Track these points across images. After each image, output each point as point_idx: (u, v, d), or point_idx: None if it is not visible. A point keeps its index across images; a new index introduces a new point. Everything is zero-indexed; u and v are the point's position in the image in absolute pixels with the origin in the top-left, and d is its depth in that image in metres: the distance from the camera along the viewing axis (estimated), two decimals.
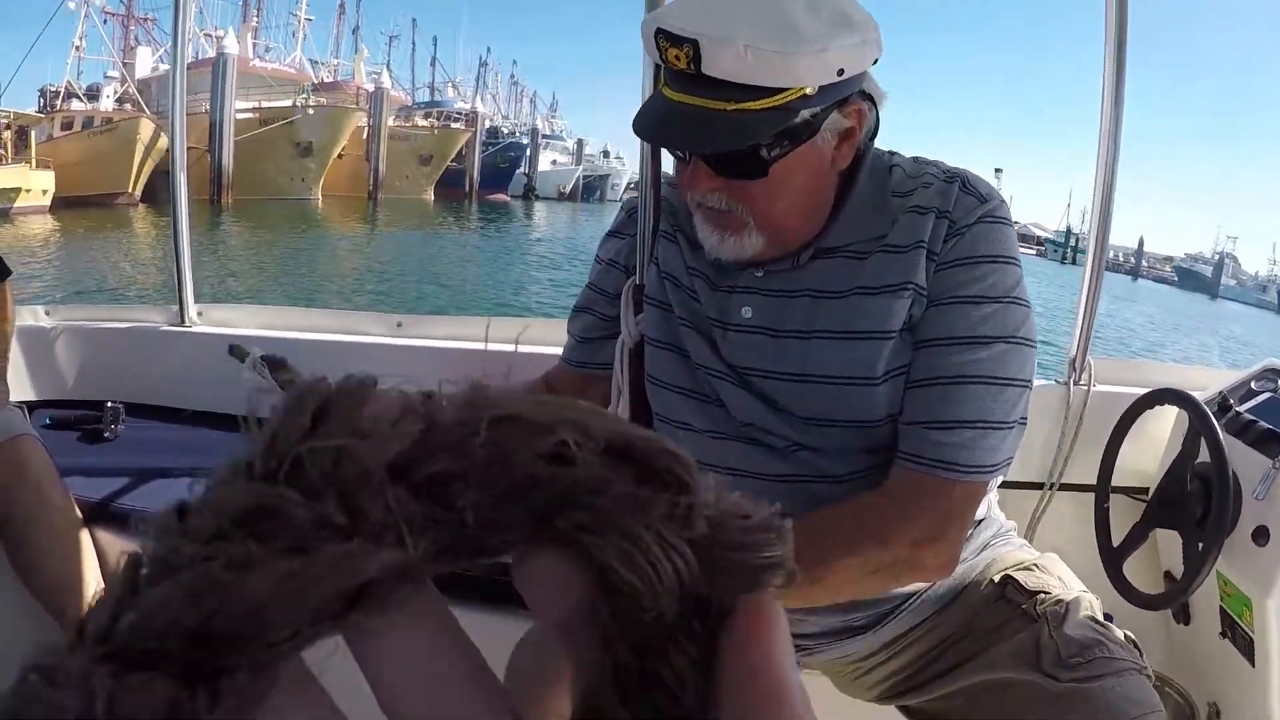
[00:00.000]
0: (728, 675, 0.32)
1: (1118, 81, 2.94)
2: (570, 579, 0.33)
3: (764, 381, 1.77)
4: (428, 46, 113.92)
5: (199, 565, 0.29)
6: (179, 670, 0.28)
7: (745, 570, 0.34)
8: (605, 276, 2.16)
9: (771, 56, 1.46)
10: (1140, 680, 1.66)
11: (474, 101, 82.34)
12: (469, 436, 0.32)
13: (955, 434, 1.63)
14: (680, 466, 0.33)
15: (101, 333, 3.80)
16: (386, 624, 0.31)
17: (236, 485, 0.31)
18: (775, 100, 1.52)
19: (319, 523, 0.29)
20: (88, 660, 0.28)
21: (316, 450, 0.30)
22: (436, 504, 0.31)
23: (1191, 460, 2.60)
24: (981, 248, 1.66)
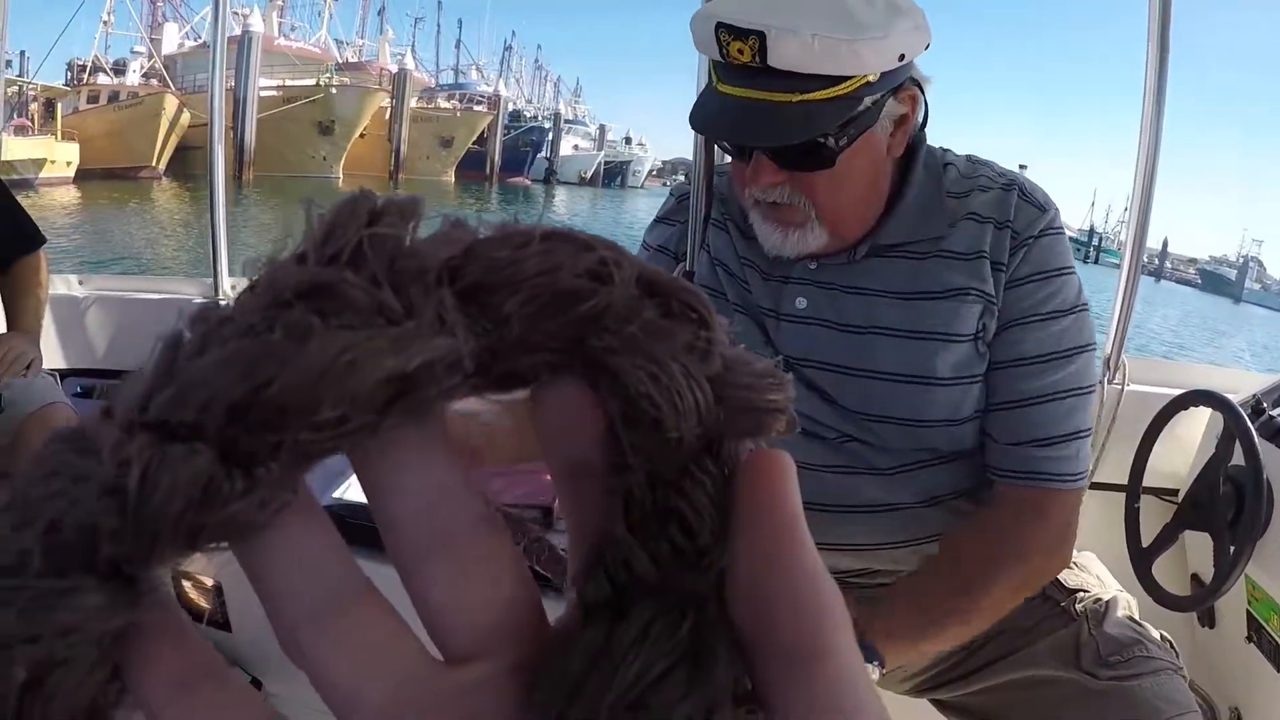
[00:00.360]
0: (740, 514, 0.32)
1: (1159, 83, 2.92)
2: (594, 410, 0.33)
3: (815, 372, 1.77)
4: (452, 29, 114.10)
5: (254, 334, 0.27)
6: (217, 447, 0.27)
7: (754, 411, 0.34)
8: (654, 264, 2.12)
9: (839, 45, 1.45)
10: (1177, 680, 1.66)
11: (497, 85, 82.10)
12: (523, 244, 0.32)
13: (1063, 448, 1.66)
14: (700, 304, 0.33)
15: (135, 304, 3.82)
16: (407, 433, 0.31)
17: (289, 267, 0.29)
18: (841, 89, 1.51)
19: (377, 308, 0.28)
20: (120, 431, 0.27)
21: (379, 237, 0.30)
22: (483, 311, 0.31)
23: (1224, 463, 2.59)
24: (1050, 261, 1.68)
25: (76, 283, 3.90)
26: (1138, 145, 3.01)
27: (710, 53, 1.57)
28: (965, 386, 1.69)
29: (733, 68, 1.55)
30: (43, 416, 2.78)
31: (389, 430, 0.30)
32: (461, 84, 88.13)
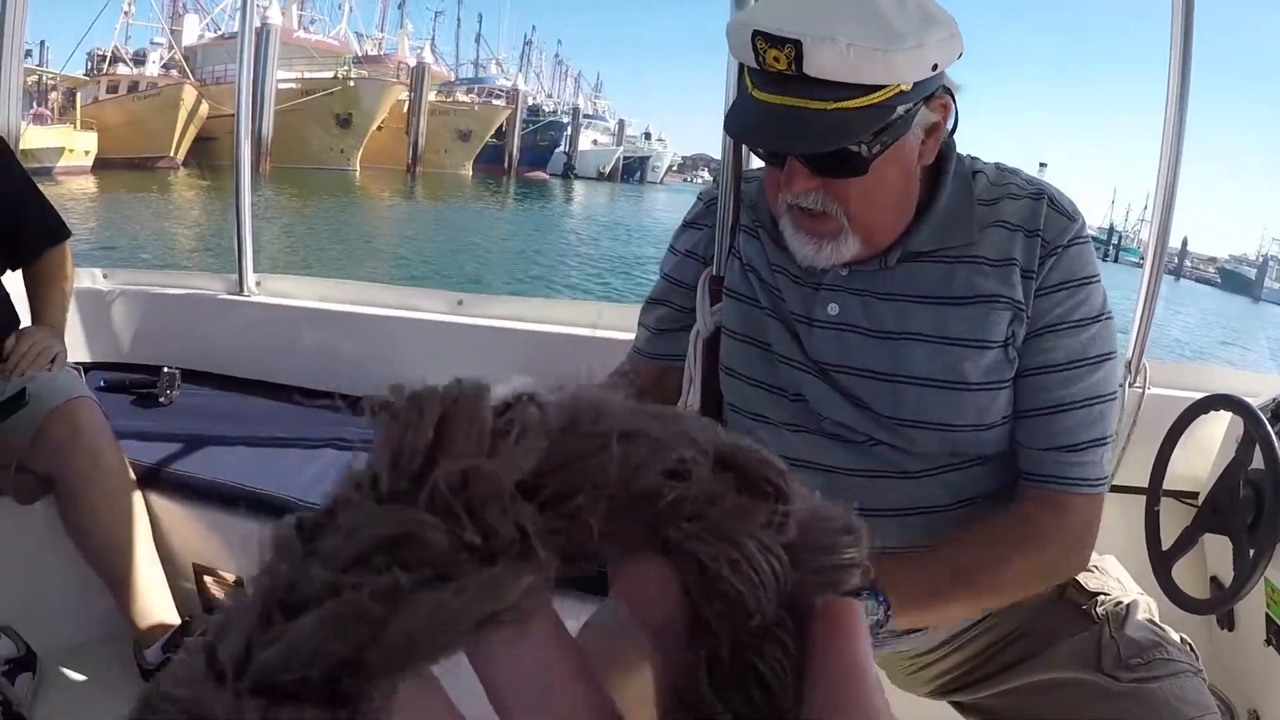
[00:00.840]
0: (813, 671, 0.33)
1: (1182, 85, 2.92)
2: (673, 584, 0.34)
3: (847, 378, 1.78)
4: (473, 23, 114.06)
5: (344, 594, 0.29)
6: (321, 698, 0.28)
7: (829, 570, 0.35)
8: (683, 268, 2.15)
9: (874, 54, 1.47)
10: (1197, 682, 1.68)
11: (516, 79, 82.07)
12: (600, 450, 0.33)
13: (1090, 453, 1.70)
14: (776, 475, 0.35)
15: (159, 298, 3.84)
16: (510, 635, 0.32)
17: (365, 507, 0.31)
18: (875, 98, 1.52)
19: (458, 548, 0.30)
20: (230, 695, 0.28)
21: (450, 473, 0.30)
22: (562, 517, 0.32)
23: (1244, 467, 2.59)
24: (1079, 270, 1.70)
25: (101, 276, 3.92)
26: (1160, 148, 3.01)
27: (747, 60, 1.58)
28: (994, 392, 1.71)
29: (768, 75, 1.56)
30: (67, 411, 2.79)
31: (489, 640, 0.31)
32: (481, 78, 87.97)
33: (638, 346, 2.24)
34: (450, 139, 65.06)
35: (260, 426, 3.30)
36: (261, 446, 3.15)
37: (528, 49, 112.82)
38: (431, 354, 3.60)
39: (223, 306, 3.81)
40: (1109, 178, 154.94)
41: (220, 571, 2.99)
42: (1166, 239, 3.11)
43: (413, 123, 61.60)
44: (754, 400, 1.90)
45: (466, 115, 66.36)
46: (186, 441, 3.12)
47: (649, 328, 2.21)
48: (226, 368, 3.79)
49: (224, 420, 3.34)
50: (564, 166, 79.57)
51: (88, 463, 2.79)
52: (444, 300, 3.76)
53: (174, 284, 3.93)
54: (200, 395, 3.59)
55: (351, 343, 3.69)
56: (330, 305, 3.78)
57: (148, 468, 2.95)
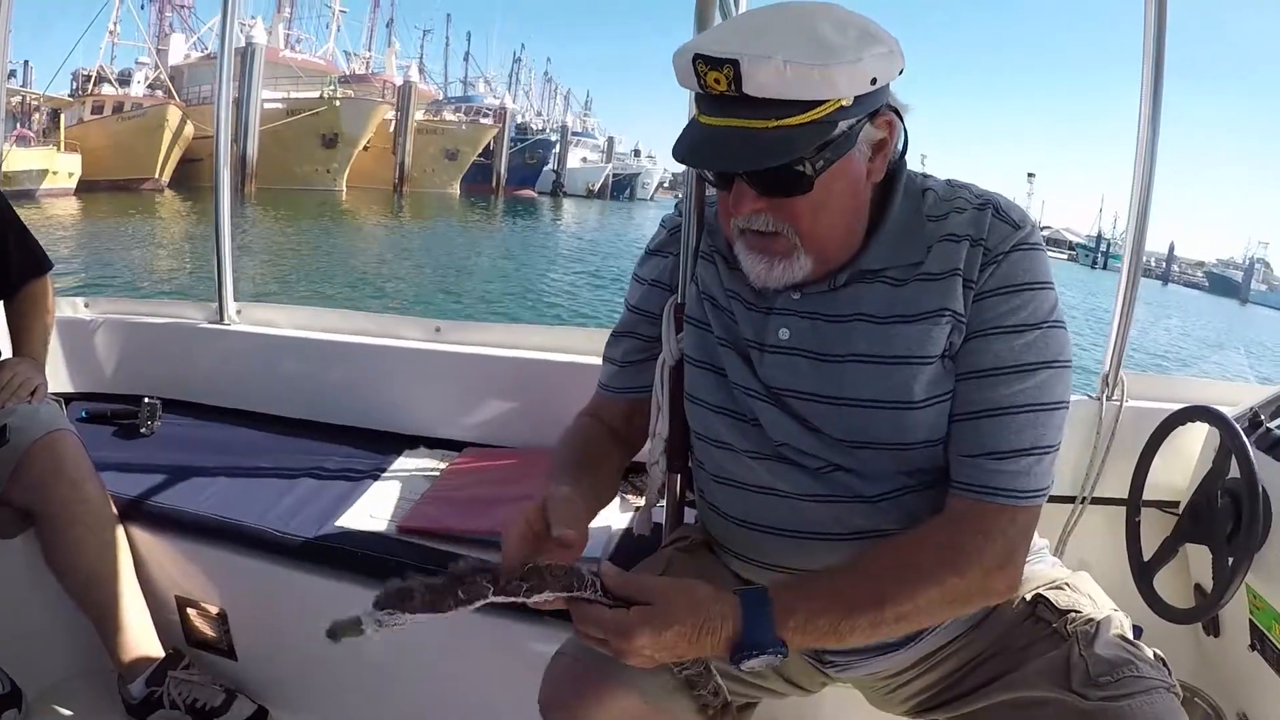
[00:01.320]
0: None
1: (1155, 96, 2.94)
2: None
3: (800, 402, 1.79)
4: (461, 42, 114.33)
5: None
6: None
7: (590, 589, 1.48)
8: (649, 297, 2.14)
9: (810, 70, 1.47)
10: (1169, 699, 1.66)
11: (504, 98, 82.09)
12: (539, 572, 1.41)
13: (1014, 462, 1.66)
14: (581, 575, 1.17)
15: (140, 327, 3.84)
16: None
17: None
18: (815, 114, 1.53)
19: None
20: None
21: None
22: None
23: (1222, 477, 2.60)
24: (1019, 275, 1.68)
25: (83, 305, 3.93)
26: (1134, 159, 3.02)
27: (690, 85, 1.59)
28: (940, 406, 1.71)
29: (712, 99, 1.57)
30: (48, 444, 2.79)
31: None
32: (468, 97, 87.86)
33: (604, 383, 2.22)
34: (437, 158, 64.93)
35: (241, 456, 3.29)
36: (243, 477, 3.14)
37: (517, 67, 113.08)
38: (411, 382, 3.61)
39: (203, 336, 3.81)
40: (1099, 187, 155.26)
41: (203, 604, 2.98)
42: (1141, 254, 3.11)
43: (399, 142, 61.46)
44: (716, 427, 1.90)
45: (454, 134, 66.23)
46: (168, 473, 3.12)
47: (616, 361, 2.19)
48: (207, 397, 3.79)
49: (205, 450, 3.33)
50: (553, 184, 79.62)
51: (69, 496, 2.78)
52: (422, 328, 3.76)
53: (155, 313, 3.93)
54: (182, 425, 3.59)
55: (331, 371, 3.69)
56: (310, 334, 3.77)
57: (129, 500, 2.94)
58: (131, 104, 50.47)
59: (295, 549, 2.75)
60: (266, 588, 2.86)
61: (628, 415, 2.18)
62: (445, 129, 66.26)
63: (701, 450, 1.99)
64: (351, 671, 2.90)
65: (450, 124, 67.43)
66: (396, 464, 3.31)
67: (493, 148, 69.88)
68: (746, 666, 1.54)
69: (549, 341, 3.61)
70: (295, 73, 58.80)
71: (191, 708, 2.79)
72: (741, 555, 1.97)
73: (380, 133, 59.37)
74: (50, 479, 2.77)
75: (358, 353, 3.66)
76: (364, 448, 3.45)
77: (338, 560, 2.72)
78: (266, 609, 2.93)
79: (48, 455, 2.79)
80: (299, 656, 2.96)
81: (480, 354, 3.57)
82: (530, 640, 2.08)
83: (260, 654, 3.01)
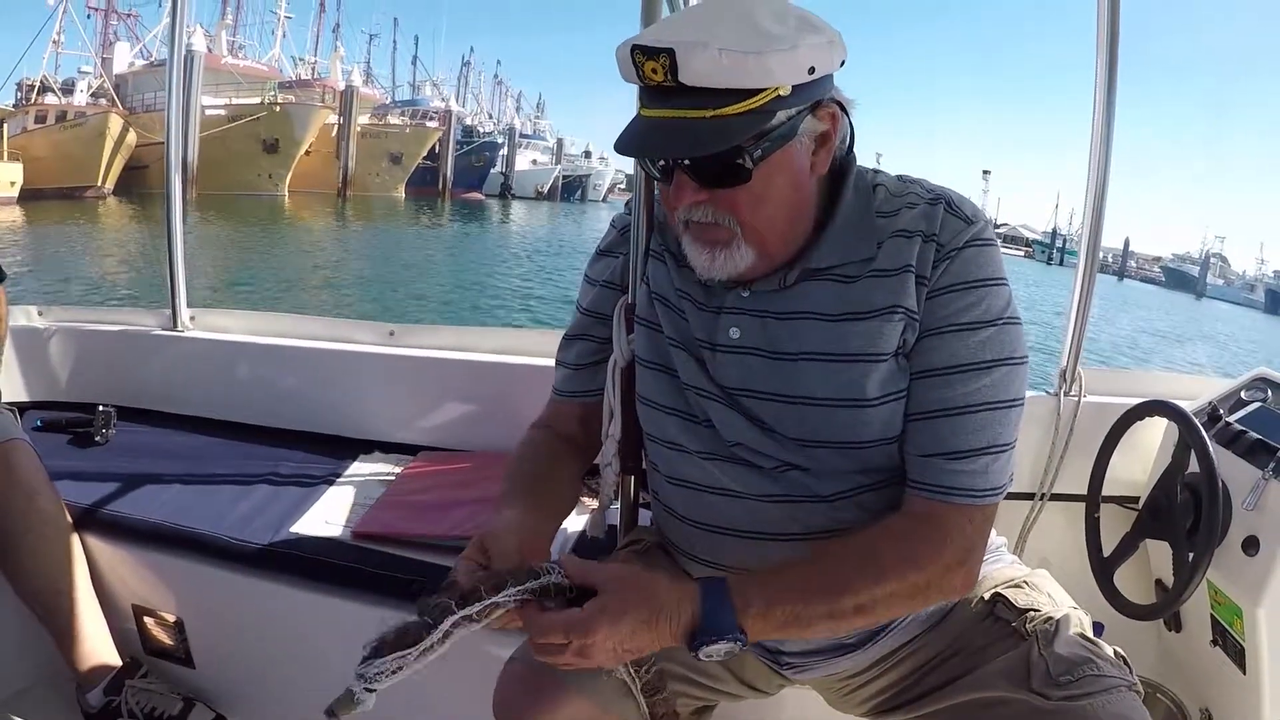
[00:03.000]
0: None
1: (1109, 92, 2.94)
2: None
3: (752, 402, 1.78)
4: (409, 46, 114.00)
5: None
6: None
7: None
8: (600, 299, 2.13)
9: (745, 58, 1.47)
10: (1129, 697, 1.66)
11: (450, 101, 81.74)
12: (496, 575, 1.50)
13: (972, 461, 1.65)
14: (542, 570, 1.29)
15: (94, 335, 3.80)
16: None
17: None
18: (753, 103, 1.52)
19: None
20: None
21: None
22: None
23: (1181, 471, 2.62)
24: (973, 272, 1.67)
25: (36, 314, 3.87)
26: (1089, 156, 3.03)
27: (630, 77, 1.58)
28: (895, 404, 1.70)
29: (651, 91, 1.57)
30: (1, 454, 2.76)
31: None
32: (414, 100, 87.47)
33: (558, 388, 2.20)
34: (381, 162, 64.67)
35: (197, 463, 3.27)
36: (198, 484, 3.12)
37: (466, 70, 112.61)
38: (365, 386, 3.60)
39: (157, 343, 3.77)
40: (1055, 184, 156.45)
41: (160, 612, 2.96)
42: (1097, 249, 3.12)
43: (342, 146, 61.26)
44: (669, 429, 1.89)
45: (398, 138, 65.98)
46: (123, 481, 3.09)
47: (568, 365, 2.17)
48: (162, 404, 3.76)
49: (161, 458, 3.31)
50: (501, 186, 79.15)
51: (23, 506, 2.76)
52: (375, 331, 3.74)
53: (109, 320, 3.88)
54: (137, 433, 3.55)
55: (286, 376, 3.67)
56: (263, 339, 3.74)
57: (85, 509, 2.91)
58: (75, 113, 50.33)
59: (250, 556, 2.73)
60: (222, 595, 2.84)
61: (584, 420, 2.16)
62: (389, 133, 66.03)
63: (655, 452, 1.98)
64: (309, 679, 2.87)
65: (395, 128, 67.18)
66: (352, 469, 3.30)
67: (438, 150, 69.63)
68: (705, 654, 1.53)
69: (503, 344, 3.60)
70: (237, 79, 58.52)
71: (150, 716, 2.77)
72: (697, 557, 1.95)
73: (323, 137, 59.24)
74: (4, 489, 2.75)
75: (312, 357, 3.64)
76: (319, 453, 3.44)
77: (292, 567, 2.71)
78: (223, 616, 2.91)
79: (1, 465, 2.76)
80: (256, 663, 2.95)
81: (434, 357, 3.56)
82: (487, 645, 2.07)
83: (218, 662, 2.99)
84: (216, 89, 55.09)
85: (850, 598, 1.60)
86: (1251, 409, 2.78)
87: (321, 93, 65.88)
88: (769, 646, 1.98)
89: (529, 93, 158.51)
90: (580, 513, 2.71)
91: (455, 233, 52.92)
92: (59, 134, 48.49)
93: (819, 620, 1.61)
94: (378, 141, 64.49)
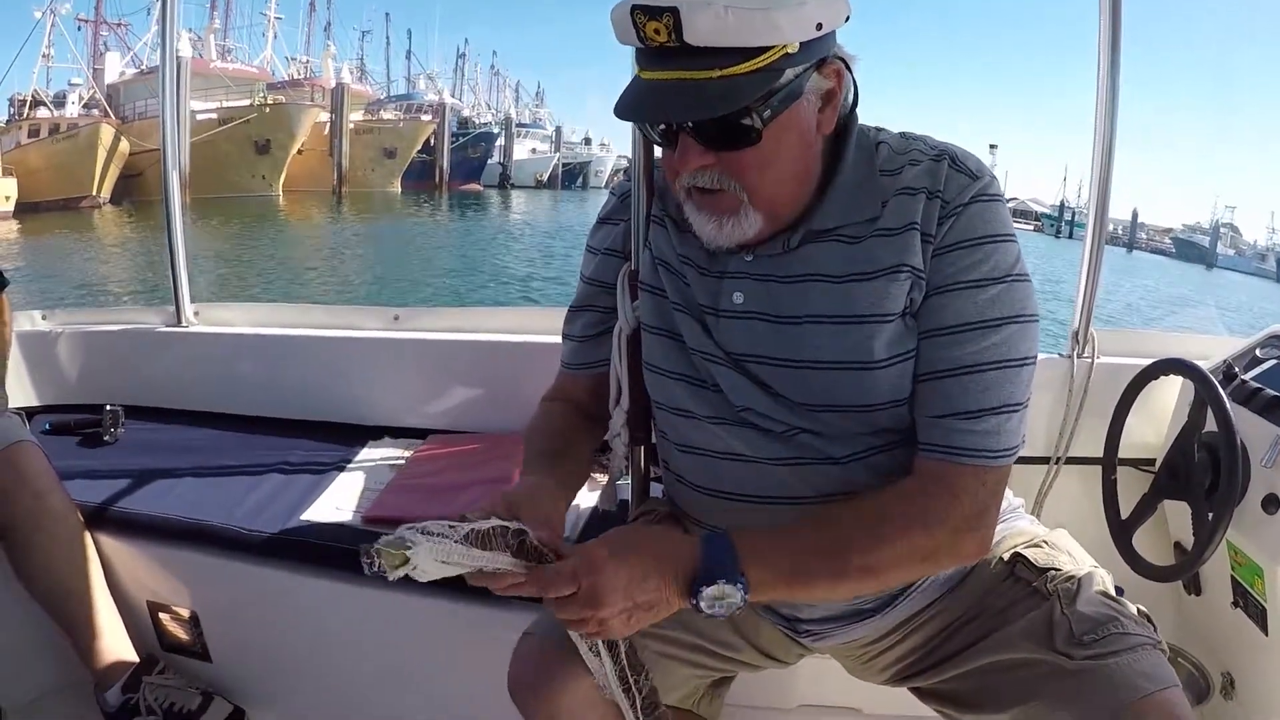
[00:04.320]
0: None
1: (1113, 55, 2.92)
2: None
3: (759, 366, 1.75)
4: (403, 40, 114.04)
5: None
6: None
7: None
8: (603, 267, 2.10)
9: (752, 14, 1.43)
10: (1156, 655, 1.64)
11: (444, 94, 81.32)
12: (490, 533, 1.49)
13: (983, 422, 1.62)
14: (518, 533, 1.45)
15: (98, 336, 3.79)
16: None
17: None
18: (760, 61, 1.49)
19: None
20: None
21: None
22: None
23: (1198, 430, 2.60)
24: (979, 228, 1.64)
25: (40, 318, 3.86)
26: (1094, 119, 3.01)
27: (629, 39, 1.54)
28: (903, 365, 1.68)
29: (652, 53, 1.53)
30: (8, 456, 2.78)
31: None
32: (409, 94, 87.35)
33: (566, 361, 2.18)
34: (376, 157, 64.68)
35: (206, 456, 3.26)
36: (209, 478, 3.11)
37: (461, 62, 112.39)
38: (371, 372, 3.59)
39: (162, 340, 3.76)
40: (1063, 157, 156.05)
41: (174, 607, 2.96)
42: (1106, 209, 3.11)
43: (335, 144, 61.31)
44: (676, 394, 1.86)
45: (391, 133, 65.93)
46: (133, 479, 3.08)
47: (574, 337, 2.15)
48: (170, 401, 3.75)
49: (169, 454, 3.30)
50: (499, 177, 79.00)
51: (34, 507, 2.76)
52: (380, 317, 3.74)
53: (113, 320, 3.88)
54: (145, 430, 3.55)
55: (292, 366, 3.66)
56: (268, 330, 3.74)
57: (95, 508, 2.91)
58: (67, 125, 50.62)
59: (261, 546, 2.72)
60: (236, 587, 2.84)
61: (594, 390, 2.14)
62: (383, 128, 66.07)
63: (664, 419, 1.96)
64: (326, 667, 2.87)
65: (388, 123, 67.20)
66: (361, 455, 3.29)
67: (433, 143, 69.61)
68: (707, 599, 1.50)
69: (508, 323, 3.60)
70: (225, 83, 58.61)
71: (169, 712, 2.76)
72: (709, 524, 1.91)
73: (315, 136, 59.35)
74: (13, 492, 2.75)
75: (317, 346, 3.63)
76: (328, 440, 3.43)
77: (303, 554, 2.70)
78: (237, 608, 2.91)
79: (9, 468, 2.77)
80: (273, 655, 2.95)
81: (439, 339, 3.55)
82: (498, 626, 2.05)
83: (234, 654, 2.99)
84: (206, 93, 55.19)
85: (857, 557, 1.59)
86: (1267, 366, 2.76)
87: (311, 91, 65.90)
88: (785, 614, 1.96)
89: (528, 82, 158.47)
90: (592, 488, 2.69)
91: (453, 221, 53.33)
92: (52, 146, 48.67)
93: (822, 578, 1.61)
94: (371, 137, 64.57)
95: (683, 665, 1.94)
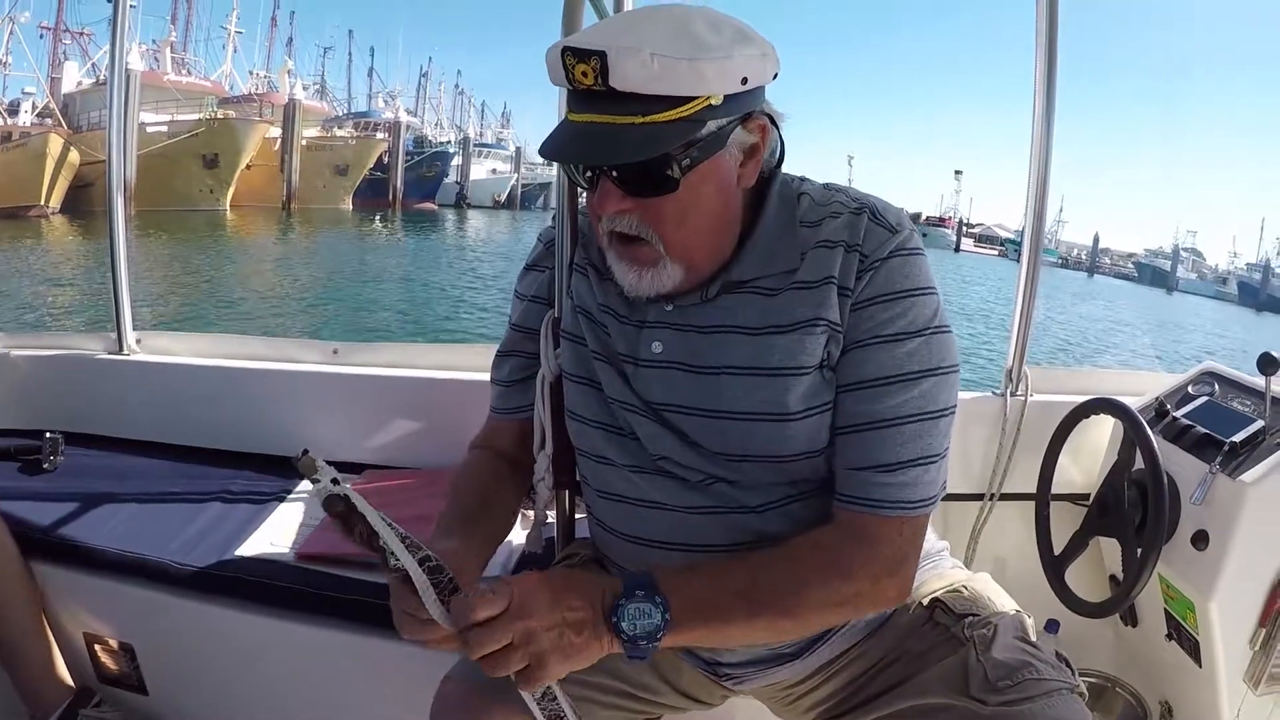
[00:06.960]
0: None
1: (1049, 90, 2.98)
2: None
3: (677, 416, 1.76)
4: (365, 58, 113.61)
5: None
6: None
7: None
8: (529, 314, 2.11)
9: (678, 64, 1.45)
10: (1071, 699, 1.66)
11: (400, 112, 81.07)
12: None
13: (901, 474, 1.64)
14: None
15: (39, 361, 3.76)
16: None
17: None
18: (684, 110, 1.50)
19: None
20: None
21: None
22: None
23: (1128, 468, 2.63)
24: (898, 282, 1.65)
25: None
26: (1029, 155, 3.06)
27: (559, 80, 1.55)
28: (819, 416, 1.69)
29: (580, 95, 1.55)
30: None
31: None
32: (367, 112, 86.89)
33: (494, 406, 2.19)
34: (327, 175, 64.22)
35: (146, 486, 3.24)
36: (149, 503, 3.10)
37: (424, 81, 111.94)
38: (310, 405, 3.57)
39: (103, 367, 3.73)
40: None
41: (111, 639, 2.93)
42: (1039, 246, 3.18)
43: (286, 160, 61.02)
44: (596, 442, 1.88)
45: (343, 150, 65.52)
46: (72, 507, 3.06)
47: (502, 382, 2.15)
48: (110, 429, 3.71)
49: (109, 482, 3.27)
50: (456, 196, 78.54)
51: None
52: (320, 350, 3.73)
53: (54, 345, 3.85)
54: (85, 458, 3.51)
55: (232, 397, 3.63)
56: (209, 361, 3.71)
57: (33, 536, 2.88)
58: (19, 133, 50.17)
59: (195, 580, 2.70)
60: (171, 620, 2.81)
61: (520, 437, 2.14)
62: (334, 145, 65.63)
63: (585, 466, 1.98)
64: (260, 701, 2.86)
65: (340, 140, 66.80)
66: (301, 486, 3.27)
67: (386, 161, 69.29)
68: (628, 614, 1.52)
69: (446, 360, 3.60)
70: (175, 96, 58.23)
71: None
72: (630, 569, 1.90)
73: (265, 151, 58.95)
74: None
75: (257, 378, 3.61)
76: (267, 472, 3.41)
77: (237, 590, 2.69)
78: (173, 642, 2.88)
79: None
80: (209, 689, 2.92)
81: (378, 375, 3.54)
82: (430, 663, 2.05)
83: (171, 688, 2.96)
84: (158, 106, 54.85)
85: (774, 599, 1.61)
86: (1198, 403, 2.80)
87: (261, 107, 65.51)
88: (705, 658, 1.97)
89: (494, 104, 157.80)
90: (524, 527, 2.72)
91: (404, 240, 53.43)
92: (3, 155, 48.34)
93: (739, 616, 1.61)
94: (323, 154, 64.15)
95: (605, 709, 1.94)
